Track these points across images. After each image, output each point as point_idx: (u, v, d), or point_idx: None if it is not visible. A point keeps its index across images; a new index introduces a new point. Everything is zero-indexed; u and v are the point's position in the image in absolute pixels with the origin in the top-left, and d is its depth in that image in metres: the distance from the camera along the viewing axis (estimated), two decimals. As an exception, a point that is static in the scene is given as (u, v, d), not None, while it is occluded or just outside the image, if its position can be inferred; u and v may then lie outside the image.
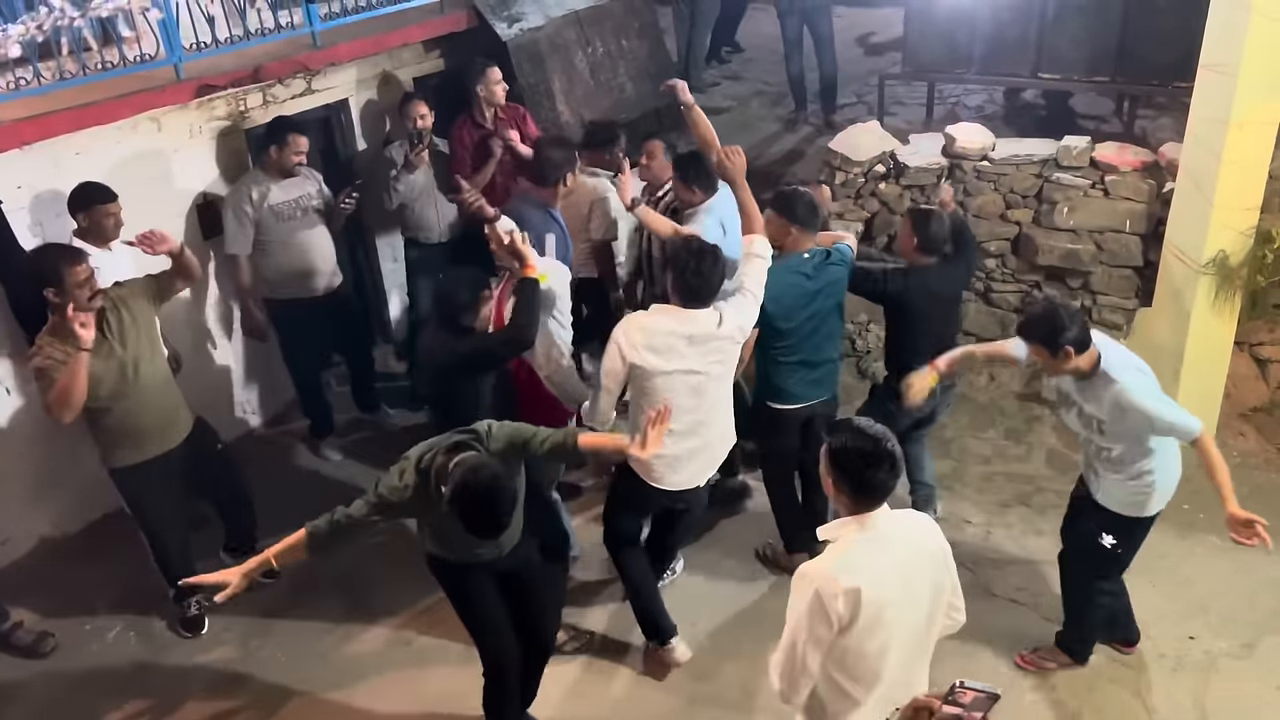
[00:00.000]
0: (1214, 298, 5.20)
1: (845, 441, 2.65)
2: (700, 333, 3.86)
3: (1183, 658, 4.27)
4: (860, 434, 2.65)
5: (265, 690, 4.30)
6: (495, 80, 5.71)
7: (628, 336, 3.86)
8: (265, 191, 5.20)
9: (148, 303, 4.14)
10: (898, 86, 8.10)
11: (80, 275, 3.85)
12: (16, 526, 4.99)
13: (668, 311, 3.92)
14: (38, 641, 4.50)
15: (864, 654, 2.63)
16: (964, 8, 6.93)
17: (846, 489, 2.66)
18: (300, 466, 5.76)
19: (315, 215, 5.36)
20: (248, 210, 5.17)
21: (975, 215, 6.26)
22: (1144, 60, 6.56)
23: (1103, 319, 6.03)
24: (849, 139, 6.55)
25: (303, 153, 5.22)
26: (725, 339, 3.92)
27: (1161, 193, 5.76)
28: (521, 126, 5.89)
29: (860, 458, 2.61)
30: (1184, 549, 4.88)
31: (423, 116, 5.57)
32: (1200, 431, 3.54)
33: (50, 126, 4.51)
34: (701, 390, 3.92)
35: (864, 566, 2.59)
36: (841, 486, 2.67)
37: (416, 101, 5.64)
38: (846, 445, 2.65)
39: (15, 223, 4.57)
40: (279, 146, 5.16)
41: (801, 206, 4.27)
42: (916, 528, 2.78)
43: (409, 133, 5.57)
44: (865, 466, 2.61)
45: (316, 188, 5.40)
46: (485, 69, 5.73)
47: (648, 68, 7.17)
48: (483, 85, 5.69)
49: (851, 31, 9.89)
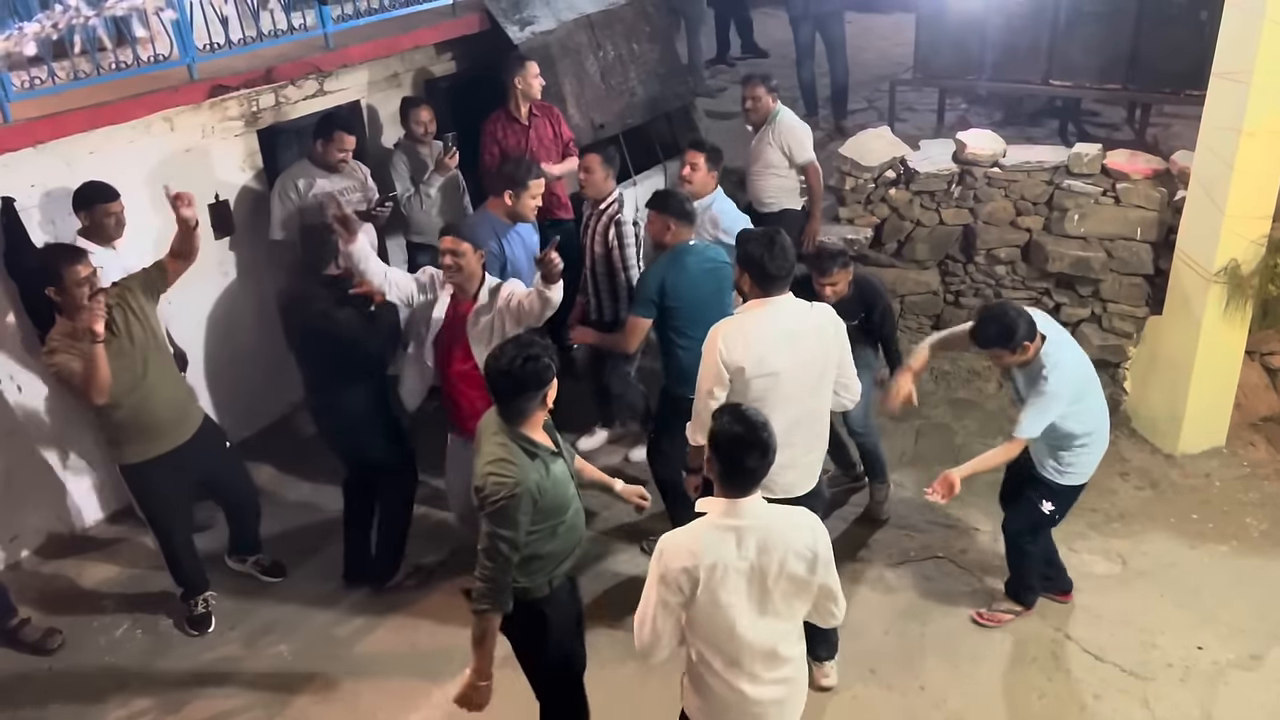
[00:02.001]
0: (1225, 306, 5.18)
1: (724, 424, 2.73)
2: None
3: (1191, 667, 4.25)
4: (739, 419, 2.73)
5: (271, 688, 4.30)
6: (534, 74, 5.77)
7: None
8: (311, 182, 5.35)
9: (148, 297, 4.16)
10: (909, 93, 8.10)
11: (80, 274, 3.87)
12: (25, 523, 5.01)
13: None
14: (45, 638, 4.51)
15: (713, 626, 2.73)
16: (975, 15, 6.93)
17: (716, 470, 2.74)
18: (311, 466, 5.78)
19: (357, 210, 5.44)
20: (293, 197, 5.30)
21: (985, 221, 6.25)
22: (1156, 68, 6.54)
23: (1112, 327, 6.02)
24: (859, 144, 6.55)
25: (348, 150, 5.35)
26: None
27: (1173, 201, 5.74)
28: (556, 127, 5.96)
29: (732, 442, 2.69)
30: (1193, 558, 4.86)
31: (425, 122, 5.65)
32: (1022, 438, 3.95)
33: (64, 126, 4.54)
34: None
35: (708, 550, 2.69)
36: (713, 467, 2.75)
37: (420, 107, 5.67)
38: (724, 428, 2.72)
39: (28, 221, 4.61)
40: (325, 141, 5.30)
41: (675, 203, 4.50)
42: (788, 527, 2.76)
43: (414, 137, 5.62)
44: (736, 451, 2.68)
45: (359, 184, 5.49)
46: (523, 62, 5.79)
47: (658, 71, 7.18)
48: (521, 78, 5.73)
49: (863, 37, 9.89)
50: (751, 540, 2.71)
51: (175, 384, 4.29)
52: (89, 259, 3.99)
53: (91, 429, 5.02)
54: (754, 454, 2.67)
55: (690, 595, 2.70)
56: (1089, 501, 5.25)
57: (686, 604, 2.73)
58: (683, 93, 7.46)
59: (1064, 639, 4.40)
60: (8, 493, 4.86)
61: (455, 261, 4.12)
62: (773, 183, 6.02)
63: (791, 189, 6.06)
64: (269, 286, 5.90)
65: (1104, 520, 5.14)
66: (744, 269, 3.61)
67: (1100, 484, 5.39)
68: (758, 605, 2.75)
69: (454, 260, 4.11)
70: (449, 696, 3.34)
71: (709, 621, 2.75)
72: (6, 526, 4.91)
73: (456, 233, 4.17)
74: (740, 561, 2.70)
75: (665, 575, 2.71)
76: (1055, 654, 4.34)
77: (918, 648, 4.39)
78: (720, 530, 2.71)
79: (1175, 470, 5.47)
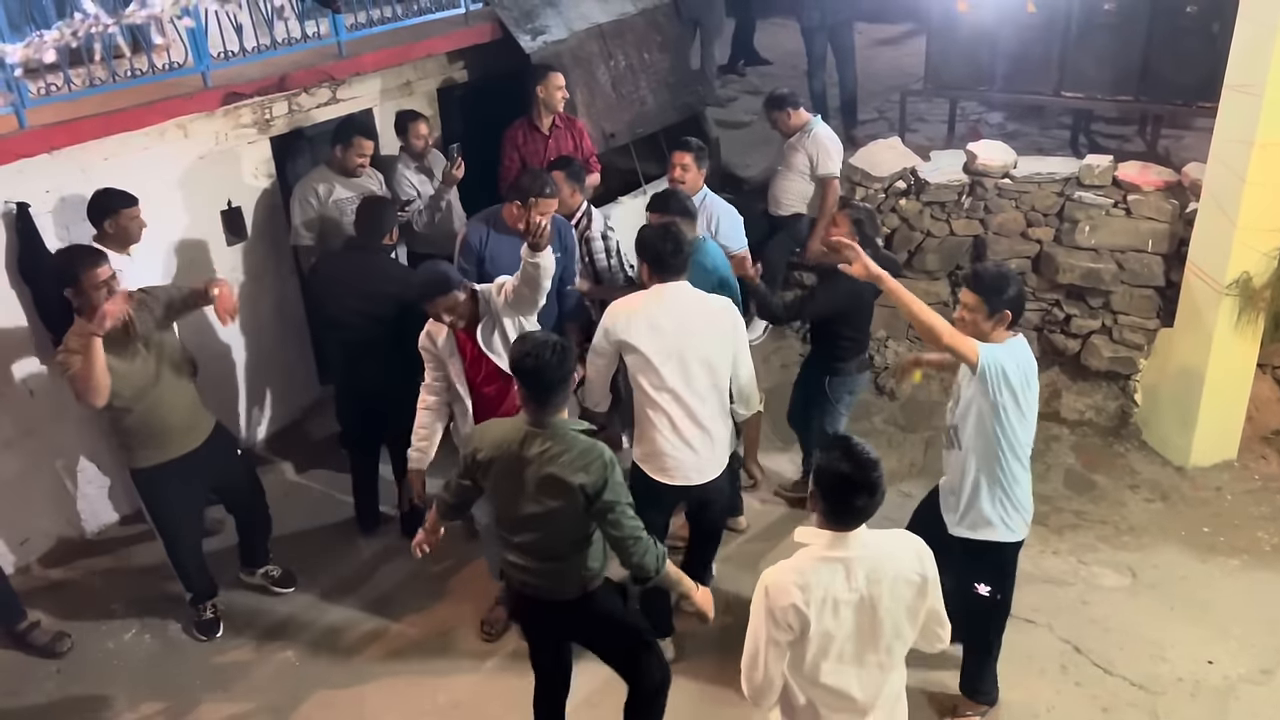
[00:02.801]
0: (1237, 319, 5.16)
1: (832, 460, 2.63)
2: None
3: (1201, 682, 4.22)
4: (849, 455, 2.63)
5: (278, 694, 4.31)
6: (556, 85, 5.77)
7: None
8: (331, 188, 5.36)
9: (166, 312, 4.18)
10: (919, 103, 8.10)
11: (99, 277, 3.89)
12: (35, 526, 5.03)
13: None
14: (54, 641, 4.53)
15: (815, 665, 2.67)
16: (986, 25, 6.93)
17: (822, 507, 2.66)
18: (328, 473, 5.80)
19: None
20: (313, 203, 5.32)
21: (996, 232, 6.24)
22: (1168, 80, 6.52)
23: (1123, 338, 6.00)
24: (870, 155, 6.55)
25: (366, 155, 5.37)
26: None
27: (1184, 213, 5.73)
28: (578, 140, 5.99)
29: (839, 480, 2.60)
30: (1204, 572, 4.83)
31: (424, 136, 5.69)
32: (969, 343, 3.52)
33: (80, 132, 4.56)
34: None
35: (815, 585, 2.61)
36: (817, 504, 2.67)
37: (419, 121, 5.71)
38: (831, 464, 2.63)
39: (43, 226, 4.63)
40: (344, 147, 5.31)
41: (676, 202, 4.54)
42: (895, 554, 2.71)
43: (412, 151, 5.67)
44: (843, 491, 2.60)
45: (376, 190, 5.50)
46: (548, 72, 5.81)
47: (669, 81, 7.20)
48: (543, 87, 5.75)
49: (873, 47, 9.90)
50: (860, 571, 2.63)
51: (186, 391, 4.31)
52: (108, 262, 4.01)
53: (103, 434, 5.05)
54: (862, 494, 2.59)
55: (800, 633, 2.62)
56: (1099, 514, 5.25)
57: (795, 643, 2.65)
58: (693, 102, 7.48)
59: (1074, 652, 4.38)
60: (19, 496, 4.89)
61: (456, 315, 3.97)
62: (795, 187, 6.05)
63: (810, 197, 6.10)
64: (281, 291, 5.94)
65: (1114, 533, 5.12)
66: (642, 258, 3.95)
67: (1111, 496, 5.39)
68: (868, 640, 2.69)
69: (453, 315, 3.96)
70: (454, 701, 3.34)
71: (814, 662, 2.67)
72: (17, 530, 4.94)
73: (444, 289, 3.92)
74: (850, 594, 2.63)
75: (773, 612, 2.61)
76: (1064, 666, 4.31)
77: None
78: (829, 563, 2.64)
79: (1186, 483, 5.45)
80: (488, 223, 4.80)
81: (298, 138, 5.87)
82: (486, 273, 4.55)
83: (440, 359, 4.11)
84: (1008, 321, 3.52)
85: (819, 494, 2.65)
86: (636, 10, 7.08)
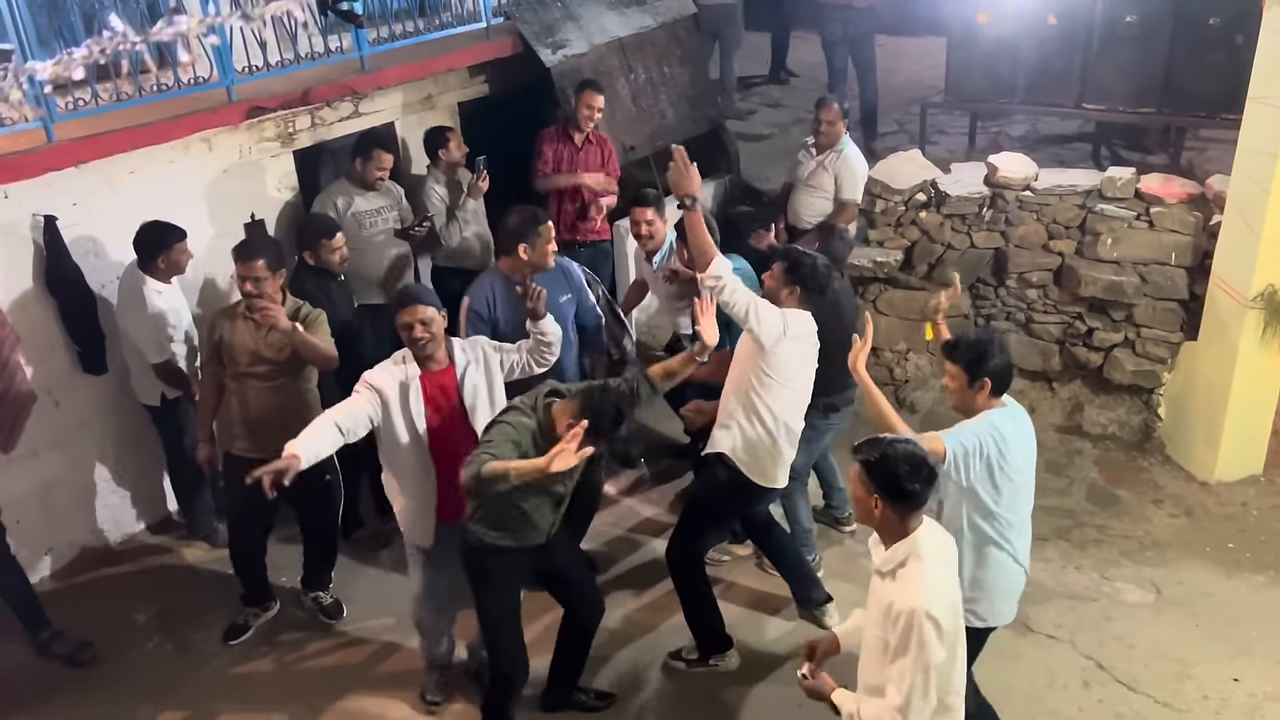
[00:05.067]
0: (1262, 332, 5.12)
1: (883, 453, 2.75)
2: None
3: (1227, 700, 4.17)
4: (895, 443, 2.79)
5: (300, 705, 4.33)
6: (588, 102, 5.85)
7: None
8: (350, 200, 5.41)
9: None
10: (940, 115, 8.08)
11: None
12: (60, 536, 5.08)
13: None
14: (77, 651, 4.56)
15: (954, 666, 2.80)
16: (1007, 38, 6.91)
17: (890, 501, 2.76)
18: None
19: (393, 228, 5.54)
20: (332, 216, 5.33)
21: (1017, 245, 6.21)
22: (1191, 92, 6.49)
23: (1146, 352, 5.95)
24: (890, 167, 6.54)
25: (386, 168, 5.41)
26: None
27: (1208, 225, 5.68)
28: (606, 160, 6.05)
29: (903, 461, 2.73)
30: (1229, 588, 4.78)
31: (457, 151, 5.72)
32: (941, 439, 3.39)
33: (106, 146, 4.63)
34: None
35: (944, 588, 2.79)
36: (883, 499, 2.76)
37: (452, 137, 5.76)
38: (886, 455, 2.75)
39: (69, 239, 4.69)
40: (364, 160, 5.36)
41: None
42: (944, 535, 2.96)
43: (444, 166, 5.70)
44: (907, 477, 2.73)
45: (394, 203, 5.55)
46: (586, 89, 5.89)
47: (688, 94, 7.22)
48: (580, 101, 5.84)
49: (893, 60, 9.89)
50: (946, 556, 2.92)
51: (288, 395, 4.36)
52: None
53: (126, 444, 5.10)
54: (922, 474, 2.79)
55: (954, 639, 2.80)
56: (1122, 529, 5.21)
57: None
58: (713, 115, 7.49)
59: (1096, 669, 4.33)
60: (45, 507, 4.93)
61: (427, 332, 3.73)
62: (817, 204, 6.03)
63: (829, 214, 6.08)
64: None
65: (1138, 548, 5.07)
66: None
67: (1134, 511, 5.34)
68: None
69: (425, 331, 3.73)
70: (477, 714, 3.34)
71: (952, 661, 2.79)
72: (42, 539, 4.98)
73: (418, 299, 3.78)
74: (954, 588, 2.90)
75: (932, 632, 2.69)
76: (1087, 683, 4.27)
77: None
78: (933, 566, 2.78)
79: (1211, 498, 5.39)
80: (488, 285, 4.47)
81: (320, 151, 5.91)
82: (503, 334, 4.30)
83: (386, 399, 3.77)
84: (988, 390, 3.39)
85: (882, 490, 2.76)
86: (657, 24, 7.11)
